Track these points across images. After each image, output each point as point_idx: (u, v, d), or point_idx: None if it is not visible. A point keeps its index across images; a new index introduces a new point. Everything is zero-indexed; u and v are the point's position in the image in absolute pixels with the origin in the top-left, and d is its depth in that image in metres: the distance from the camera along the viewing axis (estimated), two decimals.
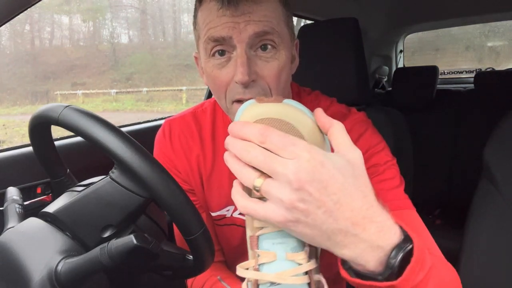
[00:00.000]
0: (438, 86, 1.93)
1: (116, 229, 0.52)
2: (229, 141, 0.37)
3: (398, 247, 0.37)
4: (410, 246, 0.37)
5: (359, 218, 0.35)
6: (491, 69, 2.15)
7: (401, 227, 0.38)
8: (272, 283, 0.38)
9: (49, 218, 0.52)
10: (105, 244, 0.45)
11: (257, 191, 0.35)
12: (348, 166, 0.36)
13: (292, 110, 0.39)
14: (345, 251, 0.36)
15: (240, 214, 0.73)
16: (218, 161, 0.72)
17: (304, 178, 0.32)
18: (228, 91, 0.58)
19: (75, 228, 0.51)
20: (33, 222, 0.52)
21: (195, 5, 0.60)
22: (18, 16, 0.69)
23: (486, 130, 0.85)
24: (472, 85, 1.90)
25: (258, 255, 0.39)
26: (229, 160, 0.37)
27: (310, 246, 0.39)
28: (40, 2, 0.68)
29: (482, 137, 0.86)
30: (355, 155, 0.37)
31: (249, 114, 0.40)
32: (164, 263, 0.55)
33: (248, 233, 0.41)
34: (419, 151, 1.44)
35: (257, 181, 0.34)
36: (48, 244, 0.48)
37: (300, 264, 0.38)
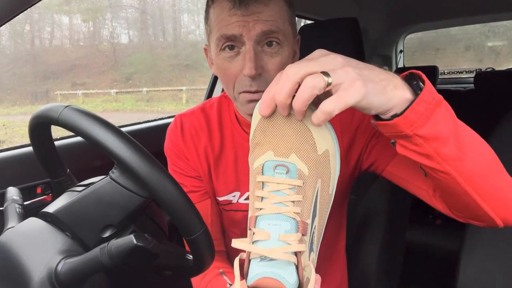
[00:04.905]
0: (438, 86, 1.93)
1: (116, 229, 0.52)
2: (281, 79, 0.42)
3: (413, 86, 0.46)
4: (423, 84, 0.45)
5: (384, 75, 0.44)
6: (491, 69, 2.15)
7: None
8: (262, 258, 0.41)
9: (49, 218, 0.52)
10: (105, 244, 0.45)
11: (329, 85, 0.40)
12: None
13: None
14: (385, 95, 0.44)
15: (245, 199, 0.77)
16: (225, 150, 0.77)
17: (347, 62, 0.42)
18: (236, 82, 0.64)
19: (75, 228, 0.51)
20: (33, 222, 0.52)
21: (208, 1, 0.65)
22: (18, 16, 0.69)
23: (486, 130, 0.85)
24: (472, 85, 1.90)
25: (254, 233, 0.42)
26: (288, 82, 0.41)
27: (303, 234, 0.42)
28: (40, 2, 0.68)
29: (481, 137, 0.85)
30: None
31: None
32: (164, 263, 0.55)
33: (249, 214, 0.45)
34: None
35: (327, 78, 0.40)
36: (48, 244, 0.48)
37: (290, 245, 0.41)
